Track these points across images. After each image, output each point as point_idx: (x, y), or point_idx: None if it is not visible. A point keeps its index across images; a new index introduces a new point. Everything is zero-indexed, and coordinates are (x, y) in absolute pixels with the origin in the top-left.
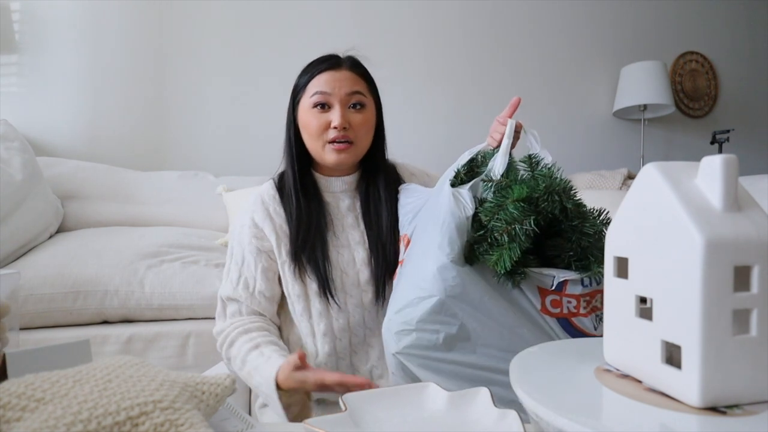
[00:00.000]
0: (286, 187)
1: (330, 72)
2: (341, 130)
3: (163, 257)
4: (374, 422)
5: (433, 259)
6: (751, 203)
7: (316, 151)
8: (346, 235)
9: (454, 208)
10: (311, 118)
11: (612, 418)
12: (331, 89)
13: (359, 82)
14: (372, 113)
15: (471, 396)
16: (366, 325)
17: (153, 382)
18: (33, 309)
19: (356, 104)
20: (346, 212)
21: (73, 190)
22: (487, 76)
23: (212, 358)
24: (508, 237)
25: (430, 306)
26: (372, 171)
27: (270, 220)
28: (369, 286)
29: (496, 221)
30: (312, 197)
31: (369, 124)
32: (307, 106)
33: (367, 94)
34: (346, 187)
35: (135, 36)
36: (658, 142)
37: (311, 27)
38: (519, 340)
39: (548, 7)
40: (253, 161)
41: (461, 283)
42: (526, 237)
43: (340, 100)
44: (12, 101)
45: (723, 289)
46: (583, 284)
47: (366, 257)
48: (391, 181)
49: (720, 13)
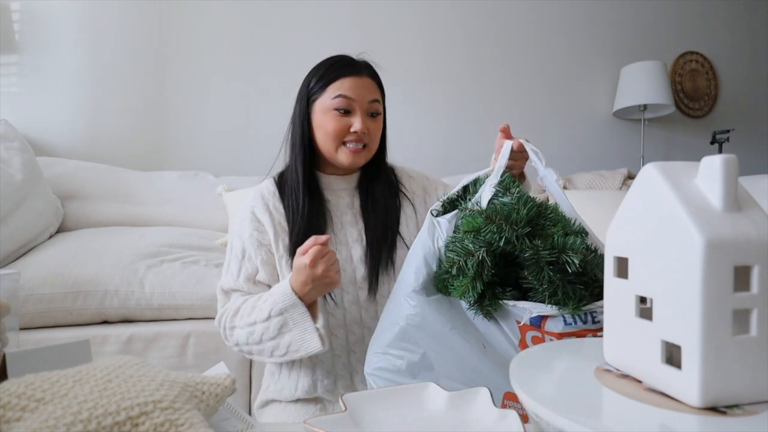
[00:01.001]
0: (288, 184)
1: (354, 78)
2: (360, 135)
3: (163, 257)
4: (374, 422)
5: (402, 286)
6: (751, 203)
7: (329, 151)
8: (344, 232)
9: (426, 237)
10: (330, 121)
11: (612, 418)
12: (356, 96)
13: (377, 91)
14: (382, 120)
15: (471, 396)
16: (363, 323)
17: (153, 382)
18: (33, 309)
19: (374, 113)
20: (346, 209)
21: (73, 190)
22: (487, 76)
23: (212, 358)
24: (458, 270)
25: (394, 333)
26: (372, 171)
27: (269, 214)
28: (365, 282)
29: (449, 253)
30: (314, 194)
31: (380, 130)
32: (328, 107)
33: (381, 102)
34: (346, 186)
35: (135, 36)
36: (658, 142)
37: (311, 27)
38: (478, 375)
39: (548, 7)
40: (253, 161)
41: (421, 312)
42: (485, 269)
43: (362, 107)
44: (12, 101)
45: (723, 289)
46: (566, 322)
47: (363, 254)
48: (389, 181)
49: (720, 13)
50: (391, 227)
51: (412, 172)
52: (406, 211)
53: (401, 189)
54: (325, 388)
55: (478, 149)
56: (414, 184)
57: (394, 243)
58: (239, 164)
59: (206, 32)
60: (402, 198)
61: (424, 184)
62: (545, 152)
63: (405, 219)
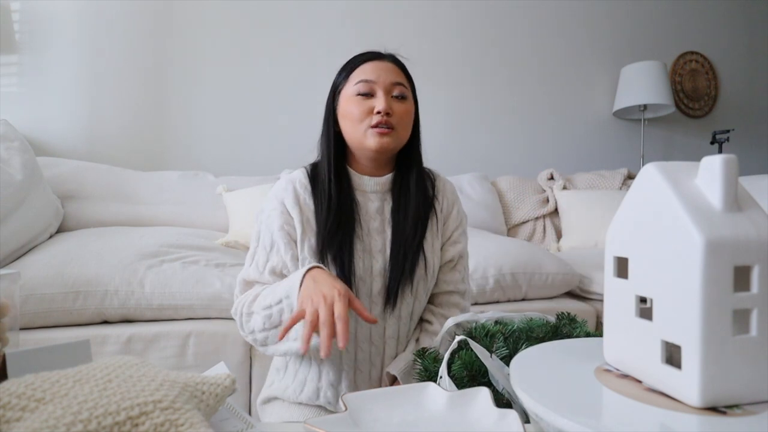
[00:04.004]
0: (319, 178)
1: (374, 62)
2: (384, 115)
3: (163, 257)
4: (374, 422)
5: None
6: (751, 203)
7: (357, 138)
8: (370, 240)
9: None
10: (354, 106)
11: (612, 418)
12: (376, 77)
13: (401, 76)
14: (412, 107)
15: (471, 396)
16: (372, 341)
17: (153, 382)
18: (33, 309)
19: (399, 95)
20: (374, 215)
21: (73, 190)
22: (487, 76)
23: (212, 358)
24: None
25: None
26: (406, 171)
27: (299, 209)
28: (379, 297)
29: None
30: (344, 192)
31: (410, 116)
32: (350, 94)
33: (408, 88)
34: (378, 188)
35: (135, 36)
36: (658, 142)
37: (311, 27)
38: None
39: (548, 8)
40: (253, 161)
41: None
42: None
43: (384, 87)
44: (12, 101)
45: (723, 289)
46: None
47: (382, 267)
48: (424, 189)
49: (719, 13)
50: (418, 243)
51: (451, 194)
52: (433, 228)
53: (435, 204)
54: (328, 399)
55: (478, 150)
56: (446, 205)
57: (416, 260)
58: (239, 164)
59: (206, 32)
60: (432, 213)
61: (450, 215)
62: (545, 152)
63: (431, 236)
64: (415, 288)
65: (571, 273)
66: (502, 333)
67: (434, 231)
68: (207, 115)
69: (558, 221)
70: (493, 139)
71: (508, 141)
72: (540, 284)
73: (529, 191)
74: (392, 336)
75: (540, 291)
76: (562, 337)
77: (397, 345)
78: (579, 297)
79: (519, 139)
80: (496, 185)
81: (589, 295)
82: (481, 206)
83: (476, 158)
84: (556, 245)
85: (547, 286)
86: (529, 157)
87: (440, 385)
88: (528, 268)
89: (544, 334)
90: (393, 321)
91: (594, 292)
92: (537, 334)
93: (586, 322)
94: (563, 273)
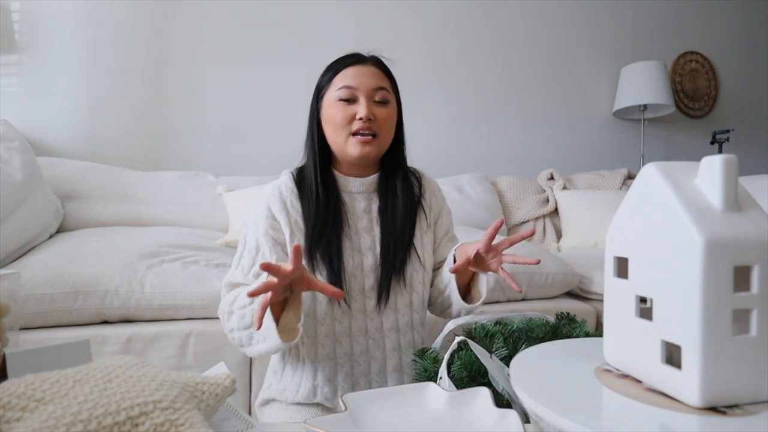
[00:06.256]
0: (306, 181)
1: (356, 67)
2: (366, 122)
3: (163, 257)
4: (374, 422)
5: None
6: (751, 203)
7: (339, 144)
8: (358, 238)
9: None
10: (336, 111)
11: (612, 418)
12: (357, 83)
13: (384, 79)
14: (395, 110)
15: (471, 396)
16: (368, 333)
17: (153, 382)
18: (33, 309)
19: (381, 100)
20: (362, 214)
21: (73, 190)
22: (487, 76)
23: (212, 358)
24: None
25: None
26: (391, 172)
27: (286, 212)
28: (373, 292)
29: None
30: (331, 193)
31: (392, 120)
32: (333, 99)
33: (390, 92)
34: (363, 189)
35: (135, 36)
36: (658, 142)
37: (311, 27)
38: None
39: (548, 8)
40: (253, 161)
41: None
42: None
43: (366, 93)
44: (12, 101)
45: (723, 289)
46: None
47: (373, 263)
48: (410, 187)
49: (719, 13)
50: (407, 239)
51: (438, 191)
52: (422, 225)
53: (422, 202)
54: (325, 396)
55: (478, 150)
56: (434, 203)
57: (407, 255)
58: (239, 164)
59: (206, 32)
60: (420, 211)
61: (441, 211)
62: (545, 152)
63: (420, 233)
64: (408, 281)
65: (571, 273)
66: (502, 333)
67: (423, 227)
68: (207, 115)
69: (558, 221)
70: (493, 139)
71: (508, 141)
72: (540, 284)
73: (529, 191)
74: (391, 328)
75: (540, 291)
76: (561, 337)
77: (398, 336)
78: (579, 297)
79: (519, 139)
80: (496, 185)
81: (589, 295)
82: (481, 206)
83: (476, 158)
84: (556, 245)
85: (547, 286)
86: (529, 157)
87: (440, 386)
88: (528, 268)
89: (543, 335)
90: (390, 313)
91: (594, 292)
92: (537, 335)
93: (586, 322)
94: (563, 273)
